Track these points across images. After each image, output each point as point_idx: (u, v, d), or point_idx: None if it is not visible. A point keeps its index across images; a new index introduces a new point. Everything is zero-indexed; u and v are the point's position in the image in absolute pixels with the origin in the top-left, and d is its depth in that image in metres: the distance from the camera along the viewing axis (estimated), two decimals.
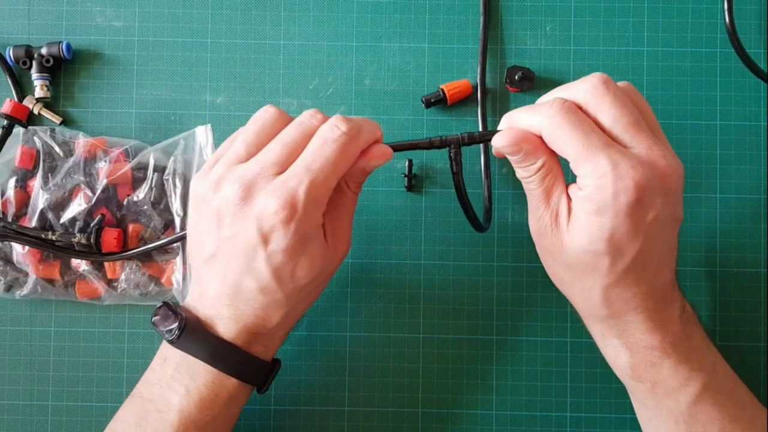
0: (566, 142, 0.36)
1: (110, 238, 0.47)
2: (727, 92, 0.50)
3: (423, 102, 0.50)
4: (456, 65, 0.51)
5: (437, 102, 0.49)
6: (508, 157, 0.39)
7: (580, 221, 0.37)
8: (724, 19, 0.50)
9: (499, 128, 0.40)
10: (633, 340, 0.39)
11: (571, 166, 0.37)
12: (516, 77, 0.49)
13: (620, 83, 0.39)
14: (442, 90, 0.49)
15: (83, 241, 0.46)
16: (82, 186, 0.48)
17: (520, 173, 0.40)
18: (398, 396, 0.50)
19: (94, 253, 0.47)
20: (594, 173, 0.36)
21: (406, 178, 0.50)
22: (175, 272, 0.48)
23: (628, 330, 0.39)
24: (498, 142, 0.39)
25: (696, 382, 0.39)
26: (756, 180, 0.50)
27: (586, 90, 0.37)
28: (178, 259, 0.47)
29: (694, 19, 0.51)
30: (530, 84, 0.50)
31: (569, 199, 0.38)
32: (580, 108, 0.37)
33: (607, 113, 0.37)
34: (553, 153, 0.39)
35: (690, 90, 0.50)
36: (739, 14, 0.50)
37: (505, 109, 0.50)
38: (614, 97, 0.37)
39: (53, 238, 0.46)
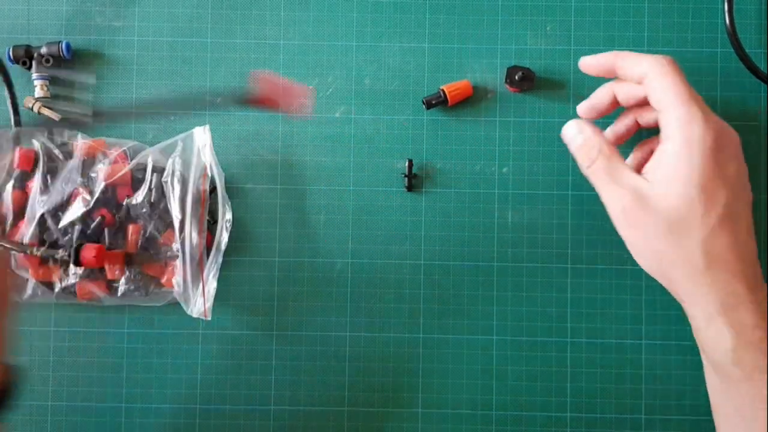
0: (668, 87, 0.40)
1: (89, 255, 0.46)
2: (727, 92, 0.50)
3: (424, 103, 0.50)
4: (456, 65, 0.51)
5: (438, 103, 0.49)
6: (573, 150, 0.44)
7: (669, 174, 0.39)
8: (724, 19, 0.50)
9: (596, 60, 0.45)
10: (737, 317, 0.39)
11: (662, 114, 0.40)
12: (516, 77, 0.49)
13: None
14: (443, 91, 0.49)
15: (65, 257, 0.46)
16: (81, 189, 0.47)
17: (583, 161, 0.43)
18: (398, 396, 0.50)
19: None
20: (686, 117, 0.39)
21: (406, 178, 0.50)
22: (175, 274, 0.48)
23: (732, 304, 0.39)
24: (565, 134, 0.45)
25: None
26: (755, 180, 0.50)
27: (653, 66, 0.41)
28: (179, 261, 0.47)
29: (694, 19, 0.51)
30: (530, 84, 0.50)
31: (635, 171, 0.41)
32: (646, 81, 0.42)
33: (672, 87, 0.41)
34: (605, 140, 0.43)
35: None
36: (739, 14, 0.50)
37: (506, 109, 0.50)
38: (678, 74, 0.41)
39: (37, 253, 0.46)
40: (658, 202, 0.40)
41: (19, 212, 0.48)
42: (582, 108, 0.47)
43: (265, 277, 0.50)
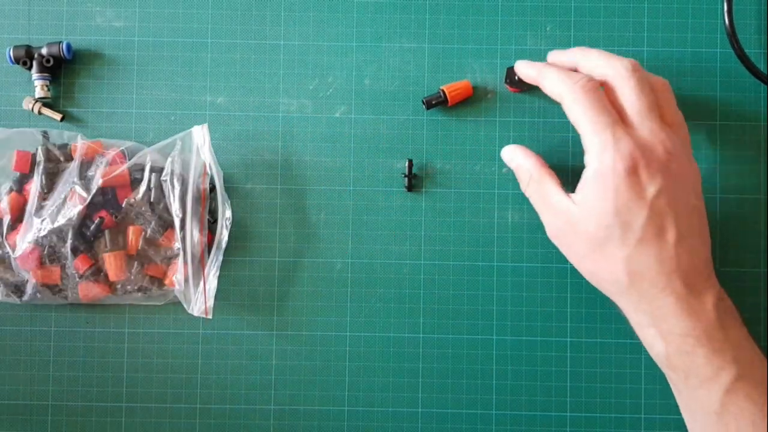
0: (580, 116, 0.42)
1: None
2: (727, 92, 0.50)
3: (424, 103, 0.50)
4: (456, 65, 0.51)
5: (438, 103, 0.49)
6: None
7: (588, 200, 0.41)
8: (724, 20, 0.50)
9: (520, 68, 0.47)
10: (667, 327, 0.41)
11: (582, 140, 0.42)
12: (516, 77, 0.49)
13: (657, 77, 0.44)
14: (443, 91, 0.49)
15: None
16: (77, 188, 0.47)
17: (520, 182, 0.46)
18: (398, 396, 0.50)
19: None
20: (598, 146, 0.41)
21: (406, 178, 0.50)
22: (176, 273, 0.48)
23: (661, 316, 0.41)
24: (505, 155, 0.48)
25: (729, 373, 0.40)
26: (756, 180, 0.50)
27: (615, 70, 0.42)
28: (180, 260, 0.47)
29: (694, 20, 0.51)
30: (530, 84, 0.49)
31: (567, 196, 0.43)
32: (606, 84, 0.43)
33: (626, 96, 0.42)
34: (543, 164, 0.45)
35: (690, 90, 0.50)
36: (738, 15, 0.50)
37: (506, 109, 0.50)
38: (636, 83, 0.42)
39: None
40: (582, 226, 0.42)
41: (18, 216, 0.48)
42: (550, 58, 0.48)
43: (265, 277, 0.50)
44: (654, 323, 0.41)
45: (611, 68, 0.43)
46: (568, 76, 0.43)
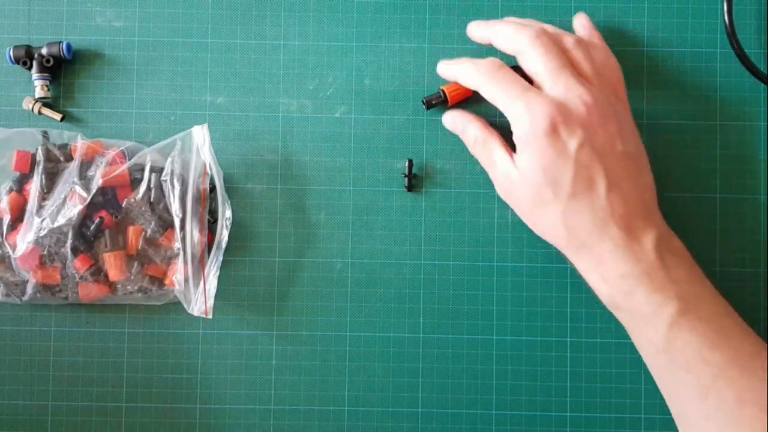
0: (494, 95, 0.44)
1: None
2: (727, 92, 0.50)
3: (424, 103, 0.50)
4: None
5: (438, 103, 0.49)
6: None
7: (519, 163, 0.44)
8: (724, 19, 0.50)
9: (440, 70, 0.49)
10: (606, 270, 0.42)
11: (505, 116, 0.44)
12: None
13: (567, 35, 0.46)
14: (443, 91, 0.49)
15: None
16: (77, 188, 0.47)
17: (468, 147, 0.48)
18: (398, 396, 0.50)
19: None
20: (515, 117, 0.43)
21: (406, 178, 0.50)
22: (176, 273, 0.48)
23: (601, 261, 0.42)
24: (445, 121, 0.49)
25: (670, 308, 0.41)
26: (756, 180, 0.50)
27: (521, 42, 0.44)
28: (180, 260, 0.47)
29: (693, 20, 0.51)
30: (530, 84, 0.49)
31: (510, 155, 0.45)
32: (518, 56, 0.45)
33: (534, 62, 0.44)
34: (486, 124, 0.47)
35: (690, 90, 0.50)
36: (738, 15, 0.50)
37: None
38: (540, 48, 0.44)
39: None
40: (521, 187, 0.44)
41: (18, 216, 0.48)
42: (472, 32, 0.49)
43: (265, 277, 0.50)
44: (596, 268, 0.43)
45: (518, 42, 0.45)
46: (473, 65, 0.46)
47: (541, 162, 0.42)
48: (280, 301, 0.50)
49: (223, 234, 0.48)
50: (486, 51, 0.50)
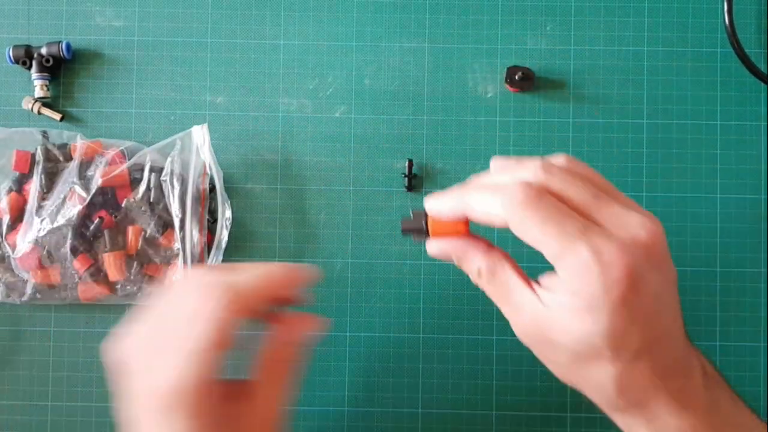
0: (537, 236, 0.32)
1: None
2: (727, 92, 0.50)
3: (401, 226, 0.37)
4: (456, 65, 0.51)
5: (416, 235, 0.37)
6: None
7: (568, 317, 0.32)
8: (724, 19, 0.50)
9: (442, 210, 0.36)
10: (660, 426, 0.34)
11: (549, 261, 0.32)
12: (516, 77, 0.49)
13: (557, 157, 0.35)
14: (424, 221, 0.37)
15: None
16: (76, 188, 0.47)
17: (471, 278, 0.37)
18: (398, 396, 0.50)
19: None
20: (575, 266, 0.31)
21: (406, 178, 0.50)
22: (176, 273, 0.48)
23: (656, 416, 0.34)
24: (430, 251, 0.37)
25: None
26: (756, 180, 0.50)
27: (534, 172, 0.33)
28: (179, 260, 0.47)
29: (694, 19, 0.51)
30: (530, 84, 0.49)
31: (533, 289, 0.34)
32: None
33: (568, 191, 0.33)
34: (490, 248, 0.36)
35: (690, 90, 0.50)
36: (738, 14, 0.50)
37: (506, 109, 0.50)
38: (565, 174, 0.33)
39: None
40: (559, 337, 0.33)
41: (17, 216, 0.48)
42: (428, 213, 0.37)
43: None
44: (647, 425, 0.35)
45: (502, 208, 0.33)
46: (497, 190, 0.33)
47: (608, 325, 0.31)
48: None
49: (223, 234, 0.48)
50: (492, 55, 0.50)
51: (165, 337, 0.35)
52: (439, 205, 0.36)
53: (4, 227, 0.48)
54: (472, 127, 0.50)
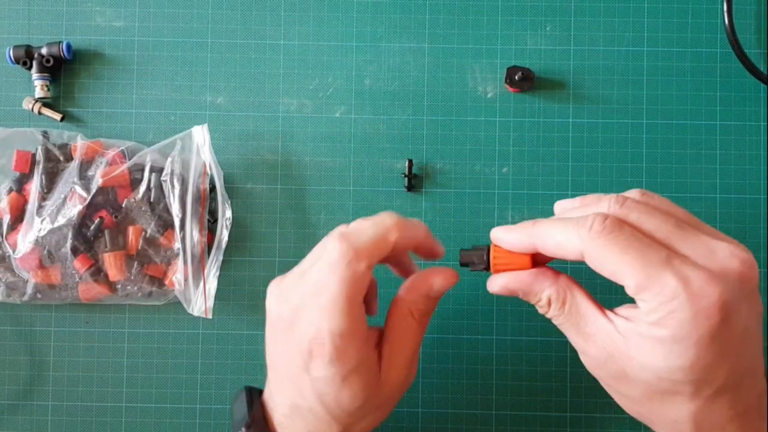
0: (618, 266, 0.30)
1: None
2: (727, 92, 0.50)
3: (461, 259, 0.39)
4: (456, 65, 0.51)
5: (476, 269, 0.38)
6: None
7: (648, 348, 0.31)
8: (724, 19, 0.50)
9: (511, 240, 0.35)
10: None
11: (629, 292, 0.31)
12: (516, 77, 0.49)
13: (632, 192, 0.34)
14: (486, 255, 0.37)
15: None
16: (77, 188, 0.47)
17: (542, 311, 0.36)
18: None
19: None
20: (661, 296, 0.30)
21: (406, 178, 0.50)
22: (176, 273, 0.48)
23: None
24: (491, 288, 0.36)
25: None
26: (756, 180, 0.50)
27: (610, 205, 0.32)
28: (179, 260, 0.47)
29: (694, 20, 0.51)
30: (530, 84, 0.50)
31: (608, 318, 0.33)
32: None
33: (647, 224, 0.32)
34: (557, 275, 0.34)
35: (690, 90, 0.50)
36: (738, 15, 0.50)
37: (506, 109, 0.50)
38: (643, 207, 0.32)
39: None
40: (637, 369, 0.32)
41: (18, 216, 0.48)
42: (494, 241, 0.37)
43: (265, 277, 0.50)
44: None
45: (579, 239, 0.32)
46: (572, 221, 0.32)
47: (694, 359, 0.30)
48: None
49: (223, 234, 0.48)
50: (492, 55, 0.50)
51: (308, 288, 0.36)
52: (507, 235, 0.35)
53: (5, 227, 0.48)
54: (472, 127, 0.50)
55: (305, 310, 0.36)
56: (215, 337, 0.50)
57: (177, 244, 0.48)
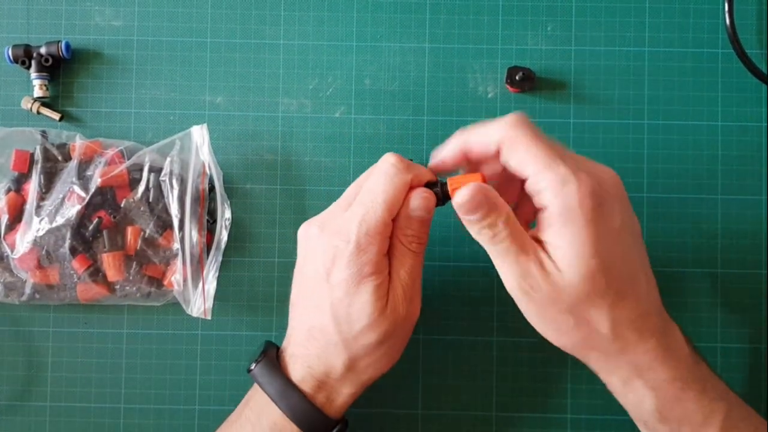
0: (527, 153, 0.36)
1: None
2: (728, 93, 0.50)
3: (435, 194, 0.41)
4: (456, 65, 0.51)
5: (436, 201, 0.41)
6: (465, 218, 0.38)
7: (562, 247, 0.36)
8: (725, 20, 0.50)
9: (444, 152, 0.41)
10: (654, 377, 0.37)
11: (530, 181, 0.37)
12: (517, 77, 0.49)
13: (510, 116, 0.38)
14: (443, 184, 0.41)
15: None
16: (75, 188, 0.47)
17: (485, 234, 0.38)
18: (398, 397, 0.49)
19: None
20: (556, 181, 0.35)
21: None
22: (175, 273, 0.48)
23: (646, 365, 0.37)
24: (460, 199, 0.38)
25: (719, 412, 0.38)
26: (757, 181, 0.50)
27: (505, 126, 0.38)
28: (178, 260, 0.47)
29: (695, 20, 0.51)
30: (531, 84, 0.49)
31: (539, 242, 0.37)
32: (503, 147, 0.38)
33: (531, 149, 0.37)
34: (505, 205, 0.38)
35: (691, 91, 0.50)
36: (739, 15, 0.50)
37: (506, 109, 0.50)
38: (532, 132, 0.37)
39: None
40: (565, 275, 0.36)
41: (16, 216, 0.48)
42: (433, 164, 0.42)
43: (265, 277, 0.50)
44: (640, 374, 0.37)
45: (497, 133, 0.38)
46: (495, 120, 0.38)
47: (593, 241, 0.35)
48: (279, 302, 0.50)
49: (223, 234, 0.48)
50: (492, 55, 0.50)
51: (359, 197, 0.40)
52: (441, 150, 0.41)
53: (3, 227, 0.48)
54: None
55: (342, 218, 0.40)
56: (214, 338, 0.50)
57: (176, 245, 0.48)
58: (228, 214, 0.48)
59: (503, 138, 0.37)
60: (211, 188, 0.49)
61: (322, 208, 0.50)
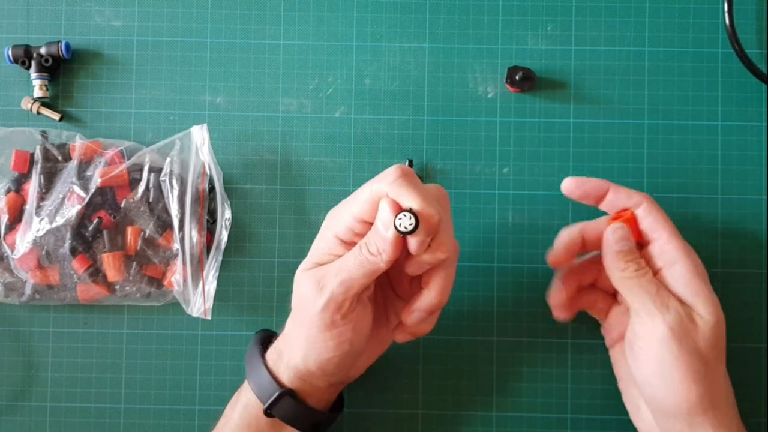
0: (663, 218, 0.42)
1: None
2: (728, 93, 0.50)
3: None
4: (456, 65, 0.51)
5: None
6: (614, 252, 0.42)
7: (699, 304, 0.40)
8: (725, 20, 0.50)
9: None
10: None
11: (658, 241, 0.42)
12: (517, 77, 0.49)
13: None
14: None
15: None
16: (75, 188, 0.47)
17: (625, 266, 0.41)
18: (398, 397, 0.49)
19: None
20: (709, 305, 0.40)
21: None
22: (175, 274, 0.48)
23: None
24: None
25: None
26: (757, 181, 0.50)
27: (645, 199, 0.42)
28: (178, 260, 0.47)
29: (695, 20, 0.51)
30: (531, 84, 0.49)
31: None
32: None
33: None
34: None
35: (691, 90, 0.50)
36: (739, 15, 0.50)
37: (506, 109, 0.50)
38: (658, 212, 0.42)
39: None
40: (702, 322, 0.40)
41: (16, 216, 0.48)
42: (556, 255, 0.45)
43: (265, 277, 0.50)
44: None
45: (642, 196, 0.42)
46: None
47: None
48: (279, 303, 0.50)
49: (223, 234, 0.48)
50: (492, 55, 0.50)
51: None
52: (581, 183, 0.43)
53: (3, 227, 0.48)
54: (473, 128, 0.50)
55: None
56: (214, 339, 0.50)
57: (176, 245, 0.48)
58: (228, 214, 0.48)
59: (647, 198, 0.42)
60: (211, 188, 0.49)
61: (322, 208, 0.50)
